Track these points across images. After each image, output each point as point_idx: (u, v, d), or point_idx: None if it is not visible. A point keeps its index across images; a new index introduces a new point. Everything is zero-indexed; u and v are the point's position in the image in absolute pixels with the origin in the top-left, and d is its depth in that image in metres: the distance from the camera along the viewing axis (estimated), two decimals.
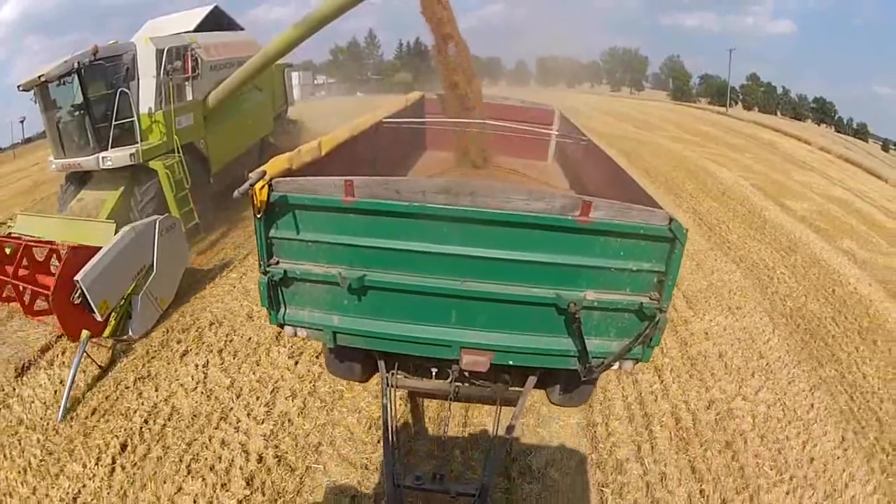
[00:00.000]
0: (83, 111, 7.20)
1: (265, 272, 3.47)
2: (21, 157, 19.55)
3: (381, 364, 4.09)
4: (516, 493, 3.89)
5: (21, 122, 20.41)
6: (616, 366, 3.52)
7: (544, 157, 8.71)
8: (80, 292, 4.92)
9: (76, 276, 4.85)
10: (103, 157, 7.24)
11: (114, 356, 5.28)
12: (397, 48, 57.51)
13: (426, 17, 7.53)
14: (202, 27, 9.06)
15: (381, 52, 58.33)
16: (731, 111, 42.25)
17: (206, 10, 9.45)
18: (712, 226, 10.46)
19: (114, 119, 7.29)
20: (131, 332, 5.51)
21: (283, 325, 3.72)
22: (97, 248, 5.16)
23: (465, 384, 4.00)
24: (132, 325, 5.52)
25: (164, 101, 7.68)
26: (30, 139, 21.90)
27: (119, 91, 7.28)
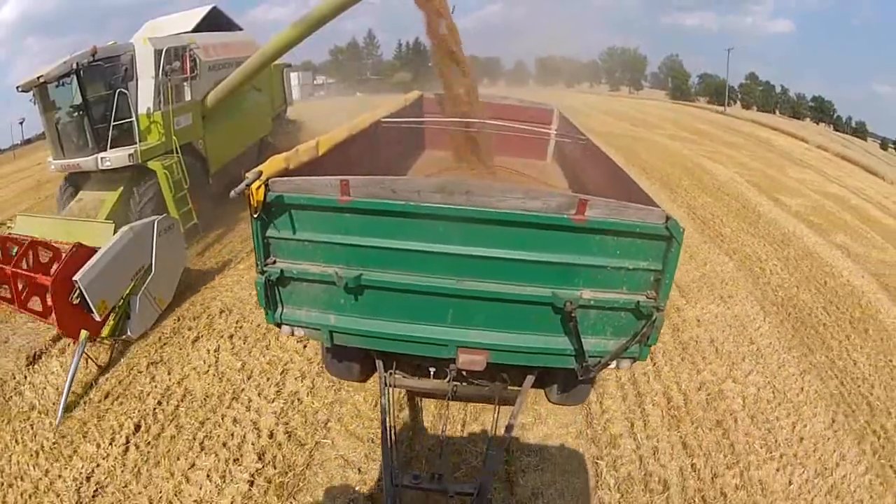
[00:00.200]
0: (82, 112, 7.22)
1: (262, 272, 3.47)
2: (21, 158, 19.61)
3: (379, 364, 4.09)
4: (514, 464, 4.00)
5: (20, 124, 20.39)
6: (613, 365, 3.51)
7: (543, 156, 8.69)
8: (78, 292, 4.92)
9: (75, 276, 4.85)
10: (102, 158, 7.25)
11: (113, 356, 5.27)
12: (396, 48, 57.77)
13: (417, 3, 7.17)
14: (201, 27, 9.07)
15: (380, 53, 58.60)
16: (729, 110, 42.25)
17: (205, 10, 9.45)
18: (706, 220, 10.50)
19: (112, 119, 7.31)
20: (130, 332, 5.51)
21: (279, 325, 3.71)
22: (96, 249, 5.16)
23: (463, 384, 3.99)
24: (131, 325, 5.51)
25: (162, 102, 7.68)
26: (29, 140, 21.94)
27: (118, 91, 7.29)
